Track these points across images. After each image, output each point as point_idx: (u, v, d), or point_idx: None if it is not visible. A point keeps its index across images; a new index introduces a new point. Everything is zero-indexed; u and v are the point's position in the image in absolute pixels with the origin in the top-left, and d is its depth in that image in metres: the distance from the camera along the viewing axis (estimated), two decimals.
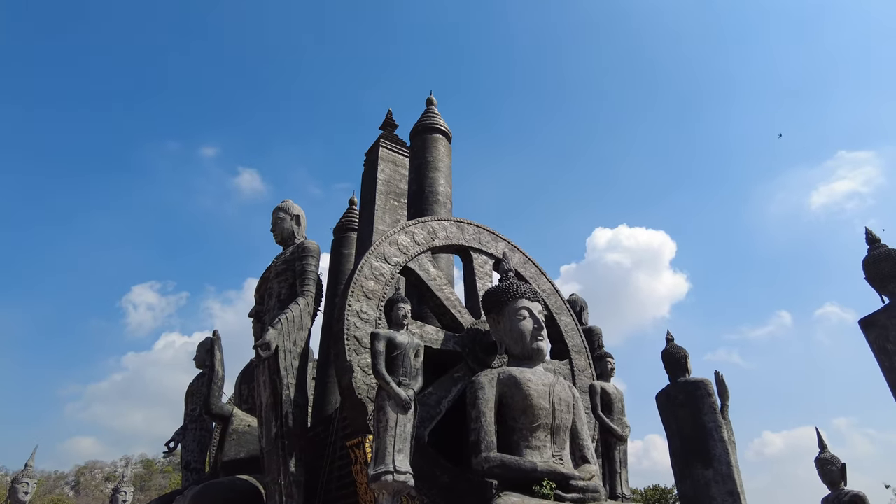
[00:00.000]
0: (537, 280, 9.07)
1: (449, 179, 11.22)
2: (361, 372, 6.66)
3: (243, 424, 8.34)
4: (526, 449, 6.16)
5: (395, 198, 13.49)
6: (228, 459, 8.05)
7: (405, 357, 6.10)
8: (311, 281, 7.42)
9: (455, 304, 8.04)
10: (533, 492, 5.66)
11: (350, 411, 6.87)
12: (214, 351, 8.47)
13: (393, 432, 5.60)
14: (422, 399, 6.66)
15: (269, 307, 7.59)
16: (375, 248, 7.71)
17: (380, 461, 5.47)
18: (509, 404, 6.31)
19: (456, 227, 8.77)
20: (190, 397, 9.92)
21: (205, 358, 9.74)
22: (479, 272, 8.64)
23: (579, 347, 8.89)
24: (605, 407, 8.20)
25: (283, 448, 6.38)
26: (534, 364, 6.70)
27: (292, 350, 6.78)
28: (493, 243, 9.05)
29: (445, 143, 11.73)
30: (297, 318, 6.93)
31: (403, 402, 5.75)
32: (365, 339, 6.87)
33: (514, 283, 7.09)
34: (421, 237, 8.22)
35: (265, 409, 6.62)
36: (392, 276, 7.66)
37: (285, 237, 8.04)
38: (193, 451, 9.63)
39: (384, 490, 5.42)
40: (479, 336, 7.69)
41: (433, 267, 8.31)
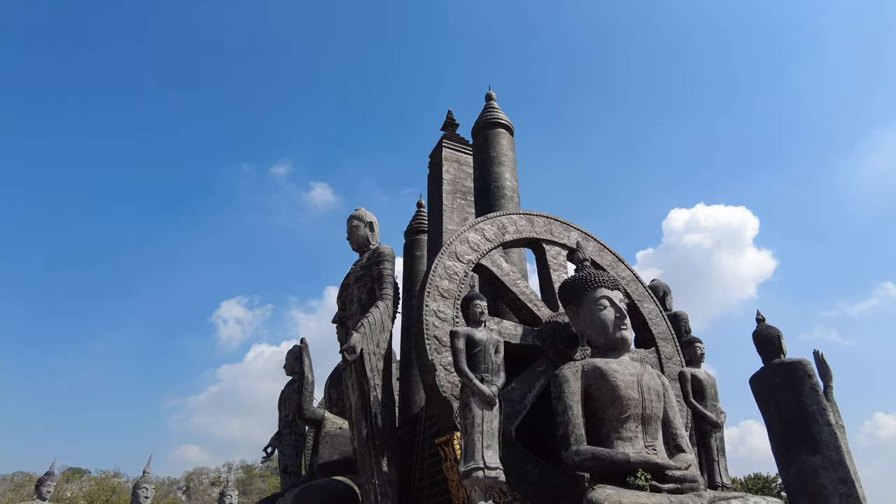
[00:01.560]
0: (615, 267, 8.85)
1: (514, 173, 11.14)
2: (444, 370, 6.74)
3: (335, 427, 8.63)
4: (617, 440, 6.03)
5: (462, 196, 13.55)
6: (323, 462, 8.35)
7: (486, 353, 6.12)
8: (388, 284, 7.59)
9: (531, 298, 7.98)
10: (627, 483, 5.54)
11: (436, 409, 6.97)
12: (303, 357, 8.82)
13: (480, 429, 5.63)
14: (505, 395, 6.65)
15: (351, 312, 7.82)
16: (447, 247, 7.78)
17: (469, 458, 5.52)
18: (596, 396, 6.19)
19: (525, 220, 8.70)
20: (283, 404, 10.37)
21: (294, 365, 10.16)
22: (553, 264, 8.53)
23: (665, 334, 8.60)
24: (696, 393, 7.89)
25: (375, 448, 6.55)
26: (619, 354, 6.54)
27: (376, 352, 6.96)
28: (565, 233, 8.91)
29: (508, 137, 11.65)
30: (378, 321, 7.10)
31: (488, 398, 5.77)
32: (444, 337, 6.95)
33: (591, 272, 6.95)
34: (491, 233, 8.21)
35: (355, 411, 6.82)
36: (465, 274, 7.70)
37: (361, 244, 8.25)
38: (290, 456, 10.07)
39: (476, 486, 5.46)
40: (559, 329, 7.59)
41: (506, 262, 8.28)
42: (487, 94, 12.49)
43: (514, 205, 10.43)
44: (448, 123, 14.88)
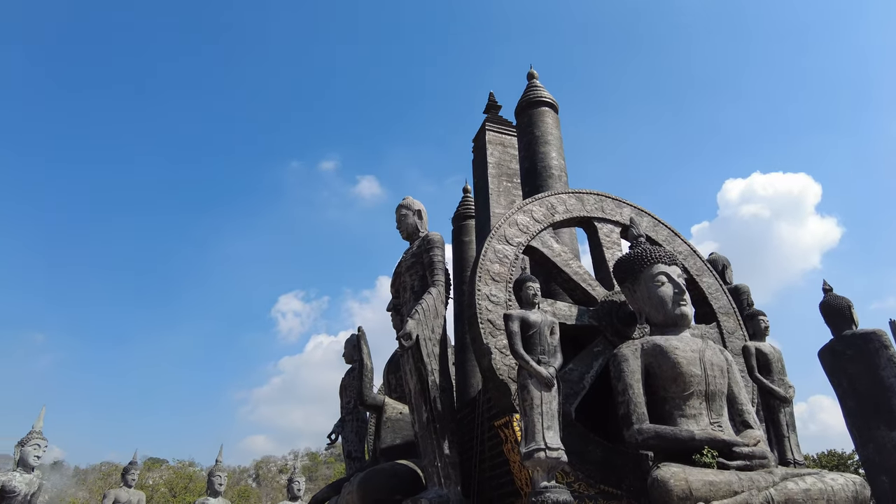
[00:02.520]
0: (671, 242, 8.62)
1: (561, 152, 10.96)
2: (499, 353, 6.76)
3: (395, 412, 8.81)
4: (680, 418, 5.92)
5: (508, 179, 13.44)
6: (386, 446, 8.55)
7: (541, 335, 6.09)
8: (439, 271, 7.64)
9: (585, 278, 7.87)
10: (693, 461, 5.43)
11: (493, 392, 7.00)
12: (361, 345, 9.01)
13: (539, 410, 5.62)
14: (563, 376, 6.62)
15: (404, 300, 7.93)
16: (496, 231, 7.75)
17: (530, 439, 5.53)
18: (657, 374, 6.08)
19: (575, 198, 8.56)
20: (343, 391, 10.64)
21: (352, 353, 10.40)
22: (606, 242, 8.38)
23: (726, 308, 8.33)
24: (762, 368, 7.63)
25: (436, 431, 6.65)
26: (679, 330, 6.40)
27: (431, 337, 7.04)
28: (617, 210, 8.72)
29: (553, 115, 11.45)
30: (431, 307, 7.17)
31: (546, 379, 5.76)
32: (498, 321, 6.96)
33: (647, 248, 6.79)
34: (540, 214, 8.13)
35: (414, 396, 6.94)
36: (516, 256, 7.67)
37: (410, 232, 8.33)
38: (353, 441, 10.34)
39: (538, 467, 5.47)
40: (615, 308, 7.47)
41: (556, 243, 8.19)
42: (529, 73, 12.29)
43: (563, 184, 10.27)
44: (490, 106, 14.73)
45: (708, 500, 5.02)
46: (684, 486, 5.01)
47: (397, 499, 6.96)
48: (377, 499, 7.29)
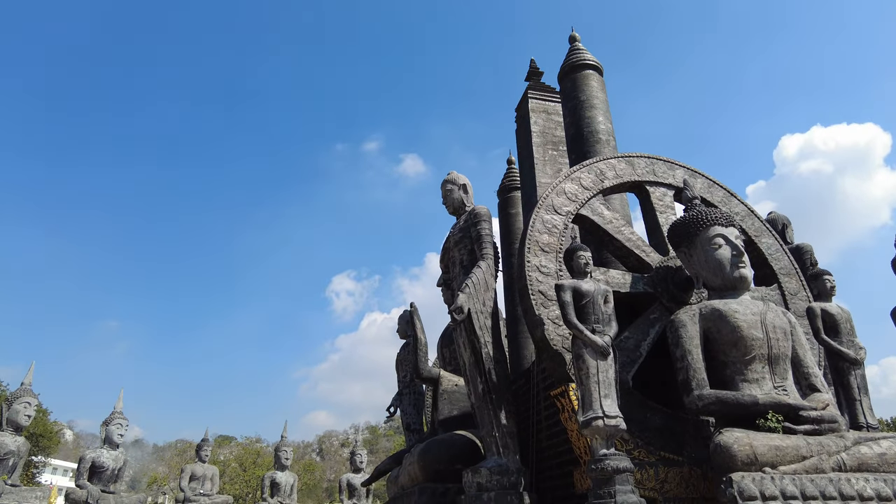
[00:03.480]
0: (727, 203, 8.31)
1: (608, 115, 10.65)
2: (552, 324, 6.73)
3: (451, 384, 8.95)
4: (742, 383, 5.78)
5: (553, 147, 13.19)
6: (444, 418, 8.71)
7: (594, 304, 6.03)
8: (487, 244, 7.63)
9: (638, 244, 7.71)
10: (757, 426, 5.32)
11: (548, 362, 7.01)
12: (414, 320, 9.16)
13: (596, 379, 5.60)
14: (619, 344, 6.55)
15: (454, 274, 7.97)
16: (543, 201, 7.66)
17: (587, 407, 5.52)
18: (717, 339, 5.94)
19: (625, 163, 8.34)
20: (399, 365, 10.86)
21: (406, 329, 10.57)
22: (659, 206, 8.15)
23: (788, 269, 8.01)
24: (829, 329, 7.32)
25: (492, 402, 6.72)
26: (738, 294, 6.21)
27: (483, 311, 7.07)
28: (670, 172, 8.45)
29: (597, 78, 11.11)
30: (481, 280, 7.19)
31: (601, 348, 5.71)
32: (549, 292, 6.92)
33: (702, 210, 6.58)
34: (588, 181, 7.97)
35: (469, 368, 7.02)
36: (565, 226, 7.56)
37: (456, 207, 8.32)
38: (411, 414, 10.58)
39: (597, 435, 5.47)
40: (671, 273, 7.30)
41: (607, 210, 8.02)
42: (571, 36, 11.92)
43: (611, 149, 10.00)
44: (532, 73, 14.42)
45: (774, 465, 4.92)
46: (748, 451, 4.91)
47: (457, 468, 7.11)
48: (437, 469, 7.47)
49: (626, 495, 5.14)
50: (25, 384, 13.86)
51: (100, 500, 14.09)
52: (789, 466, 4.92)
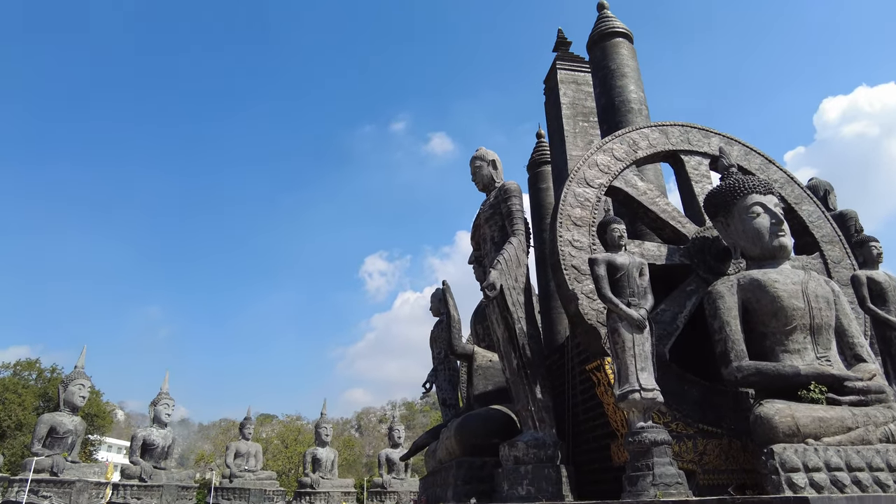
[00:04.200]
0: (765, 170, 8.06)
1: (639, 84, 10.38)
2: (586, 298, 6.69)
3: (485, 360, 9.01)
4: (783, 353, 5.67)
5: (584, 118, 12.95)
6: (479, 393, 8.80)
7: (629, 277, 5.96)
8: (518, 220, 7.59)
9: (673, 215, 7.56)
10: (799, 397, 5.21)
11: (583, 337, 6.98)
12: (446, 298, 9.22)
13: (632, 352, 5.56)
14: (655, 317, 6.48)
15: (486, 251, 7.97)
16: (574, 174, 7.56)
17: (624, 381, 5.50)
18: (756, 309, 5.82)
19: (658, 132, 8.15)
20: (434, 342, 10.98)
21: (439, 306, 10.66)
22: (694, 175, 7.96)
23: (830, 237, 7.75)
24: (876, 298, 7.07)
25: (527, 377, 6.76)
26: (777, 263, 6.06)
27: (515, 286, 7.07)
28: (705, 140, 8.23)
29: (628, 46, 10.81)
30: (513, 256, 7.17)
31: (636, 321, 5.66)
32: (583, 266, 6.86)
33: (739, 178, 6.41)
34: (621, 152, 7.82)
35: (503, 344, 7.05)
36: (598, 199, 7.46)
37: (486, 183, 8.28)
38: (446, 389, 10.71)
39: (633, 408, 5.45)
40: (708, 244, 7.16)
41: (641, 181, 7.87)
42: (599, 4, 11.60)
43: (643, 118, 9.77)
44: (559, 43, 14.10)
45: (818, 436, 4.83)
46: (790, 422, 4.83)
47: (494, 442, 7.19)
48: (474, 443, 7.57)
49: (665, 467, 5.13)
50: (78, 367, 14.53)
51: (152, 475, 14.78)
52: (834, 438, 4.83)
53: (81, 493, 12.82)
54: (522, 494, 6.07)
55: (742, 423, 5.87)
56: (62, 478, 12.35)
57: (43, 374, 27.61)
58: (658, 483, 5.01)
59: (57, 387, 14.65)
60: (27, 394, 25.47)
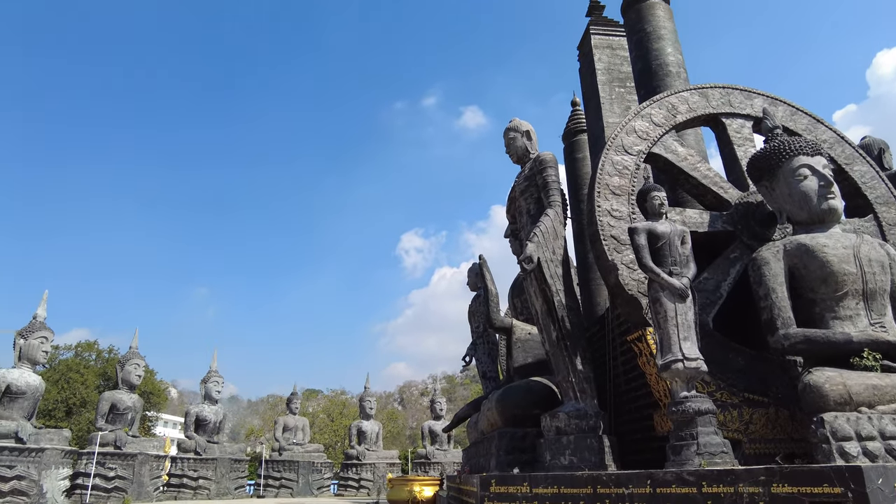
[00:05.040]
0: (812, 131, 7.72)
1: (677, 46, 10.01)
2: (626, 269, 6.60)
3: (524, 333, 9.03)
4: (833, 320, 5.50)
5: (620, 84, 12.60)
6: (518, 365, 8.84)
7: (671, 246, 5.84)
8: (554, 191, 7.49)
9: (715, 181, 7.34)
10: (851, 365, 5.07)
11: (623, 308, 6.91)
12: (483, 273, 9.24)
13: (674, 321, 5.48)
14: (698, 285, 6.35)
15: (522, 224, 7.91)
16: (612, 141, 7.39)
17: (666, 351, 5.44)
18: (803, 275, 5.65)
19: (698, 95, 7.87)
20: (472, 317, 11.05)
21: (476, 281, 10.69)
22: (736, 138, 7.69)
23: (885, 198, 7.41)
24: None
25: (567, 349, 6.75)
26: (827, 227, 5.84)
27: (553, 259, 7.01)
28: (747, 102, 7.91)
29: (664, 7, 10.42)
30: (550, 228, 7.10)
31: (679, 290, 5.56)
32: (622, 236, 6.76)
33: (785, 139, 6.16)
34: (659, 117, 7.60)
35: (542, 316, 7.04)
36: (637, 166, 7.30)
37: (520, 155, 8.18)
38: (486, 363, 10.80)
39: (676, 378, 5.39)
40: (752, 209, 6.94)
41: (681, 146, 7.65)
42: None
43: (682, 81, 9.45)
44: (593, 7, 13.68)
45: (871, 405, 4.69)
46: (842, 390, 4.71)
47: (535, 413, 7.24)
48: (515, 414, 7.64)
49: (709, 436, 5.08)
50: (133, 348, 15.23)
51: (206, 449, 15.45)
52: (889, 406, 4.68)
53: (143, 465, 13.52)
54: (565, 464, 6.12)
55: (790, 391, 5.75)
56: (125, 451, 13.05)
57: (101, 355, 29.02)
58: (702, 452, 4.97)
59: (115, 366, 15.41)
60: (88, 373, 26.86)
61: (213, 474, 15.45)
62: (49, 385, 18.80)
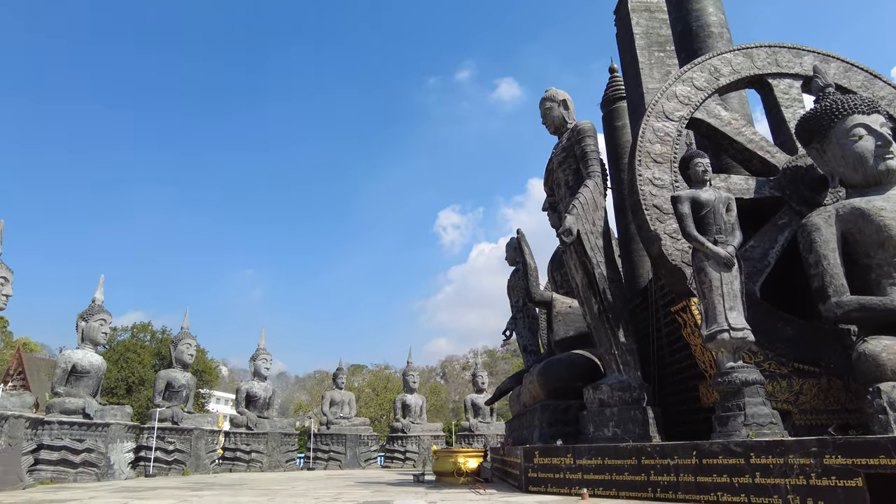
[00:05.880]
0: (869, 87, 7.31)
1: (719, 5, 9.57)
2: (669, 238, 6.46)
3: (564, 306, 8.98)
4: (891, 287, 5.28)
5: (659, 48, 12.17)
6: (559, 339, 8.83)
7: (715, 214, 5.68)
8: (593, 161, 7.34)
9: (762, 145, 7.07)
10: None
11: (667, 278, 6.79)
12: (521, 247, 9.19)
13: (719, 291, 5.36)
14: (744, 254, 6.18)
15: (560, 196, 7.81)
16: (652, 108, 7.18)
17: (711, 321, 5.33)
18: (858, 240, 5.42)
19: (742, 56, 7.54)
20: (511, 291, 11.05)
21: (514, 255, 10.66)
22: (784, 99, 7.36)
23: None
24: None
25: (608, 321, 6.69)
26: (884, 189, 5.57)
27: (593, 231, 6.92)
28: (796, 60, 7.54)
29: None
30: (589, 199, 6.99)
31: (724, 259, 5.42)
32: (665, 205, 6.60)
33: (837, 98, 5.86)
34: (701, 81, 7.33)
35: (582, 289, 6.98)
36: (678, 133, 7.08)
37: (557, 125, 8.03)
38: (527, 336, 10.81)
39: (722, 348, 5.29)
40: (801, 173, 6.68)
41: (725, 110, 7.37)
42: None
43: (725, 42, 9.05)
44: None
45: None
46: None
47: (577, 386, 7.24)
48: (557, 386, 7.65)
49: (757, 407, 4.99)
50: (185, 328, 15.85)
51: (257, 423, 16.05)
52: None
53: (199, 439, 14.16)
54: (609, 435, 6.12)
55: (843, 360, 5.58)
56: (182, 426, 13.68)
57: (155, 336, 30.31)
58: (750, 423, 4.89)
59: (168, 346, 16.08)
60: (144, 353, 28.16)
61: (264, 448, 16.08)
62: (109, 365, 19.78)
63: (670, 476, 4.91)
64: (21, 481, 8.65)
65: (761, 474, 4.30)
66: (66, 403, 11.07)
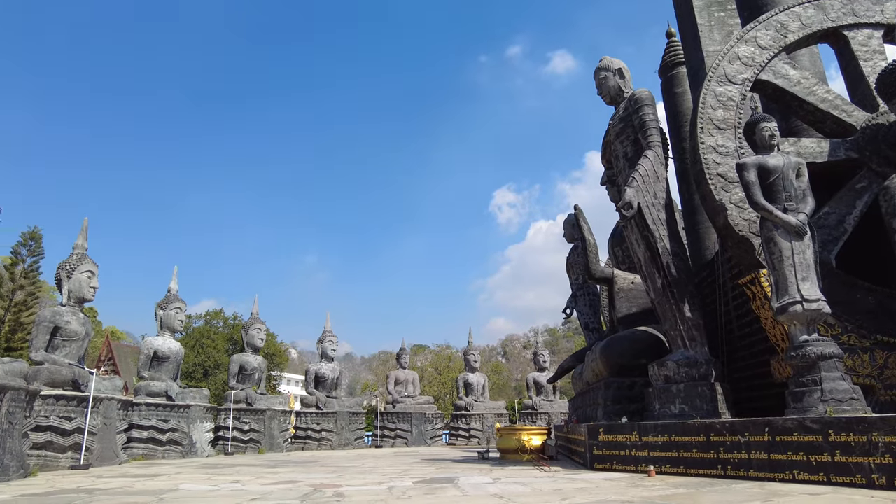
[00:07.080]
0: None
1: None
2: (736, 208, 6.19)
3: (626, 283, 8.78)
4: None
5: (719, 7, 11.50)
6: (622, 315, 8.65)
7: (784, 180, 5.38)
8: (653, 130, 7.08)
9: (836, 104, 6.61)
10: None
11: (734, 250, 6.51)
12: (580, 223, 9.02)
13: (791, 262, 5.09)
14: (817, 221, 5.85)
15: (619, 169, 7.59)
16: (713, 71, 6.84)
17: (783, 293, 5.09)
18: None
19: (813, 8, 7.04)
20: (570, 269, 10.89)
21: (573, 232, 10.48)
22: (862, 52, 6.84)
23: None
24: None
25: (673, 296, 6.49)
26: None
27: (655, 203, 6.70)
28: (876, 8, 6.98)
29: None
30: (650, 171, 6.76)
31: (795, 227, 5.14)
32: (730, 173, 6.31)
33: None
34: (766, 40, 6.90)
35: (645, 264, 6.80)
36: (743, 97, 6.72)
37: (613, 95, 7.78)
38: (588, 314, 10.65)
39: (795, 321, 5.05)
40: (882, 132, 6.21)
41: (793, 69, 6.93)
42: None
43: None
44: None
45: None
46: None
47: (641, 362, 7.10)
48: (621, 363, 7.53)
49: (835, 382, 4.75)
50: (254, 314, 16.57)
51: (326, 403, 16.66)
52: None
53: (272, 419, 14.85)
54: (675, 412, 5.98)
55: None
56: (255, 407, 14.38)
57: (227, 322, 31.85)
58: (828, 399, 4.66)
59: (240, 331, 16.86)
60: (218, 338, 29.69)
61: (334, 426, 16.67)
62: (187, 350, 20.98)
63: (741, 453, 4.77)
64: (117, 457, 9.39)
65: (841, 452, 4.10)
66: (151, 387, 11.87)
